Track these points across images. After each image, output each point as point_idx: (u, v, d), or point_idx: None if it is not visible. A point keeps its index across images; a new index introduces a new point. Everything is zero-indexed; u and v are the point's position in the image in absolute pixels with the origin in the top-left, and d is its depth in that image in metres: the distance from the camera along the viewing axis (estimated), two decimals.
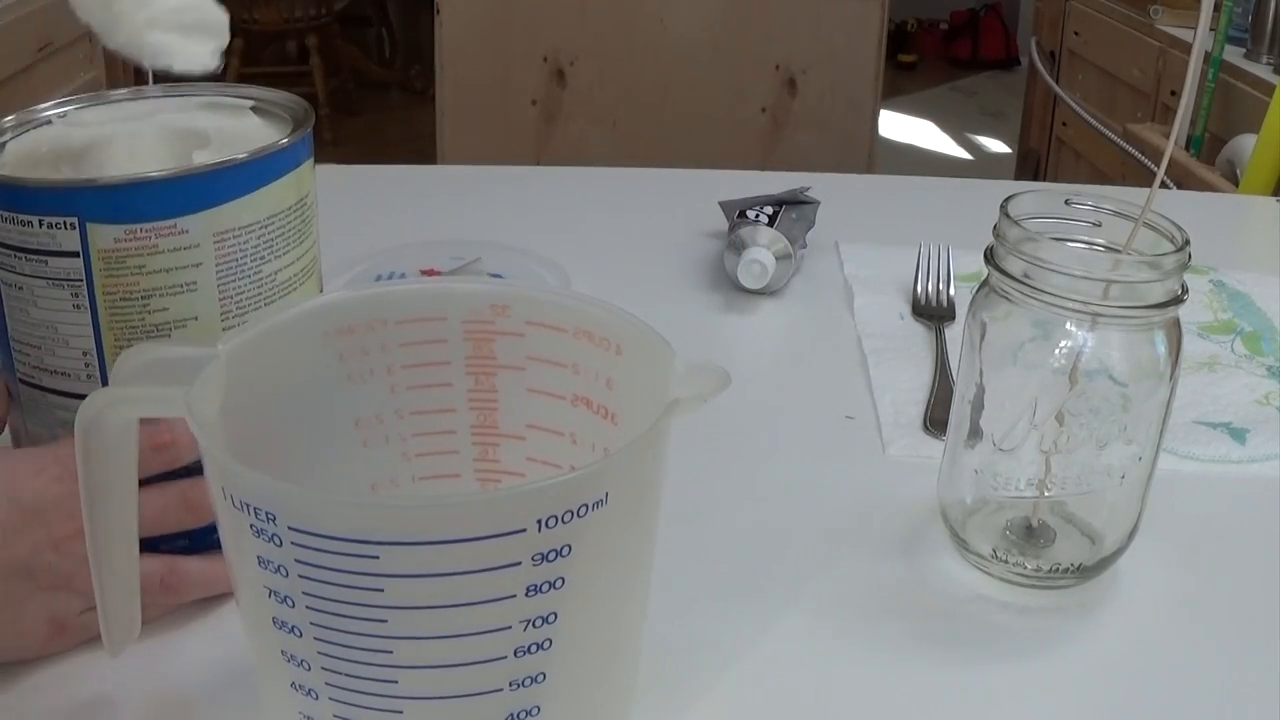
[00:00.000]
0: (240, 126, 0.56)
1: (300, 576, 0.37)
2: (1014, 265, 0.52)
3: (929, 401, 0.71)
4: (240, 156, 0.50)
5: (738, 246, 0.84)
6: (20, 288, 0.50)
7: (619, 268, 0.88)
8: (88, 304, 0.49)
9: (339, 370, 0.46)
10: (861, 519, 0.61)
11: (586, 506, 0.37)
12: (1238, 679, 0.52)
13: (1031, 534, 0.57)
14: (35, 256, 0.49)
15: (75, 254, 0.49)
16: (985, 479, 0.56)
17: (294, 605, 0.38)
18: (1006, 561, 0.56)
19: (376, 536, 0.36)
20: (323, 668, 0.38)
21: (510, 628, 0.38)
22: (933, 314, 0.81)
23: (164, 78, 0.55)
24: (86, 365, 0.51)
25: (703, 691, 0.50)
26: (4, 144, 0.54)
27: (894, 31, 4.45)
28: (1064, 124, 2.48)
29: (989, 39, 4.82)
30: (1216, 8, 1.80)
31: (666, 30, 1.74)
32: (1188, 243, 0.51)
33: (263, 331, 0.43)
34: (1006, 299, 0.53)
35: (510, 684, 0.39)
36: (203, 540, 0.55)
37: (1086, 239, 0.54)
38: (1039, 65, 2.52)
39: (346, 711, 0.39)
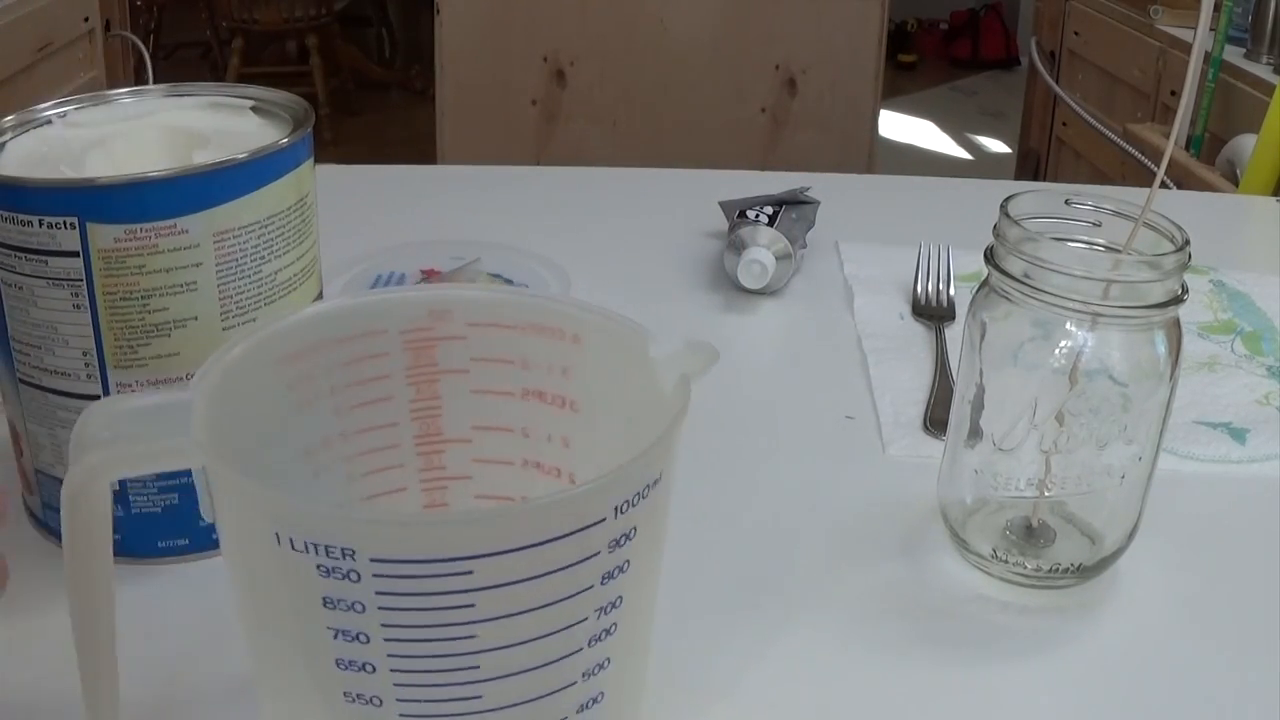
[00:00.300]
0: (240, 126, 0.56)
1: (380, 609, 0.35)
2: (1014, 265, 0.52)
3: (929, 401, 0.71)
4: (240, 156, 0.50)
5: (738, 246, 0.84)
6: (20, 288, 0.50)
7: (619, 268, 0.88)
8: (88, 304, 0.50)
9: (289, 400, 0.44)
10: (861, 519, 0.61)
11: (648, 487, 0.38)
12: (1238, 679, 0.52)
13: (1031, 534, 0.57)
14: (35, 256, 0.49)
15: (75, 254, 0.49)
16: (985, 479, 0.56)
17: (368, 641, 0.36)
18: (1006, 561, 0.56)
19: (471, 551, 0.35)
20: (398, 699, 0.37)
21: (586, 619, 0.38)
22: (933, 314, 0.81)
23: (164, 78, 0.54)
24: (86, 365, 0.51)
25: (702, 691, 0.50)
26: (4, 144, 0.54)
27: (894, 31, 4.45)
28: (1064, 124, 2.48)
29: (989, 39, 4.82)
30: (1216, 8, 1.80)
31: (666, 30, 1.74)
32: (1188, 243, 0.51)
33: (223, 369, 0.41)
34: (1006, 299, 0.53)
35: (583, 675, 0.39)
36: (203, 540, 0.55)
37: (1086, 239, 0.54)
38: (1039, 65, 2.52)
39: None
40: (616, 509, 0.37)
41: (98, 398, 0.51)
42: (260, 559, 0.37)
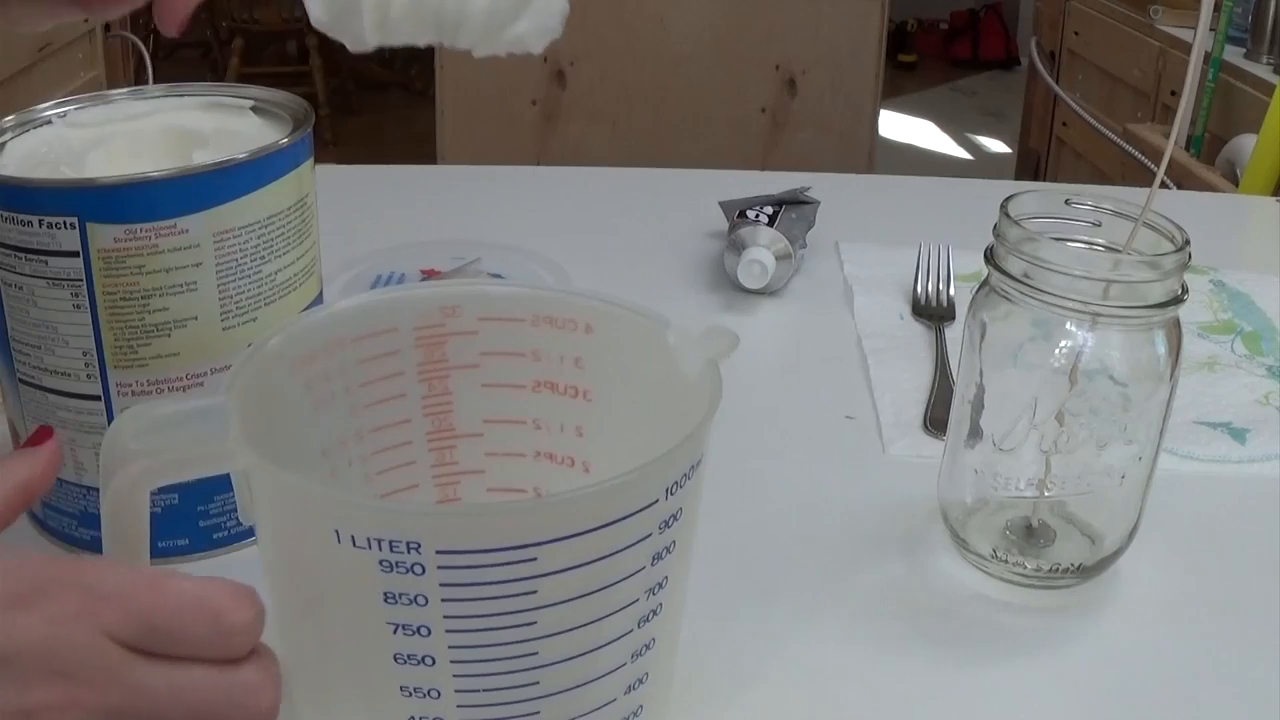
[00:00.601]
0: (240, 126, 0.56)
1: (444, 600, 0.36)
2: (1014, 265, 0.52)
3: (929, 401, 0.71)
4: (240, 156, 0.51)
5: (738, 246, 0.84)
6: (20, 288, 0.50)
7: (619, 268, 0.88)
8: (87, 304, 0.49)
9: (307, 400, 0.45)
10: (861, 519, 0.61)
11: (693, 468, 0.39)
12: (1238, 679, 0.52)
13: (1031, 534, 0.57)
14: (35, 256, 0.49)
15: (75, 254, 0.49)
16: (985, 479, 0.56)
17: (429, 634, 0.36)
18: (1006, 561, 0.56)
19: (538, 538, 0.35)
20: (456, 690, 0.37)
21: (638, 600, 0.39)
22: (933, 314, 0.81)
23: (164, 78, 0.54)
24: (86, 365, 0.51)
25: (702, 690, 0.50)
26: (4, 144, 0.54)
27: (894, 31, 4.45)
28: (1064, 124, 2.48)
29: (989, 39, 4.82)
30: (1216, 8, 1.80)
31: (666, 30, 1.74)
32: (1188, 243, 0.51)
33: (251, 372, 0.41)
34: (1006, 299, 0.53)
35: (632, 656, 0.39)
36: (203, 540, 0.55)
37: (1086, 239, 0.54)
38: (1039, 65, 2.52)
39: None
40: (667, 490, 0.38)
41: (98, 398, 0.51)
42: (315, 559, 0.37)
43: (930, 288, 0.84)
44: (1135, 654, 0.53)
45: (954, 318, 0.80)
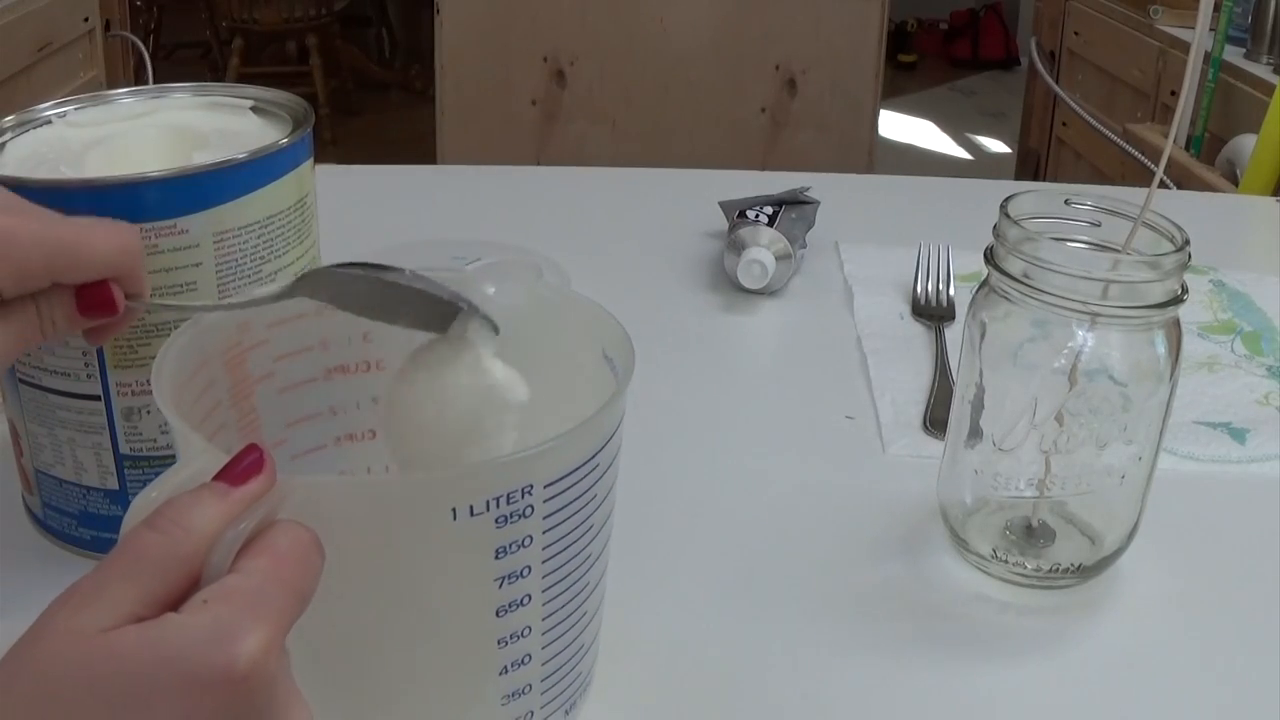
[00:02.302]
0: (240, 126, 0.56)
1: (545, 532, 0.39)
2: (1014, 265, 0.52)
3: (929, 401, 0.71)
4: (240, 156, 0.50)
5: (738, 246, 0.84)
6: None
7: (619, 268, 0.88)
8: None
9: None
10: (861, 519, 0.61)
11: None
12: (1238, 679, 0.52)
13: (1031, 534, 0.57)
14: None
15: None
16: (985, 479, 0.56)
17: (529, 575, 0.39)
18: (1006, 561, 0.56)
19: (597, 446, 0.40)
20: (543, 618, 0.41)
21: (612, 509, 0.44)
22: (933, 314, 0.81)
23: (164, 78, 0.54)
24: (86, 365, 0.51)
25: (701, 691, 0.50)
26: (4, 144, 0.54)
27: (894, 31, 4.45)
28: (1064, 124, 2.48)
29: (989, 39, 4.82)
30: (1216, 8, 1.80)
31: (666, 30, 1.74)
32: (1187, 243, 0.51)
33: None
34: (1006, 299, 0.53)
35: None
36: None
37: (1086, 239, 0.54)
38: (1039, 65, 2.52)
39: (557, 660, 0.42)
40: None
41: (98, 398, 0.51)
42: (425, 546, 0.38)
43: (930, 288, 0.84)
44: (1135, 654, 0.53)
45: (954, 318, 0.80)
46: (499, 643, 0.40)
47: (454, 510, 0.37)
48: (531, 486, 0.38)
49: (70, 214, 0.48)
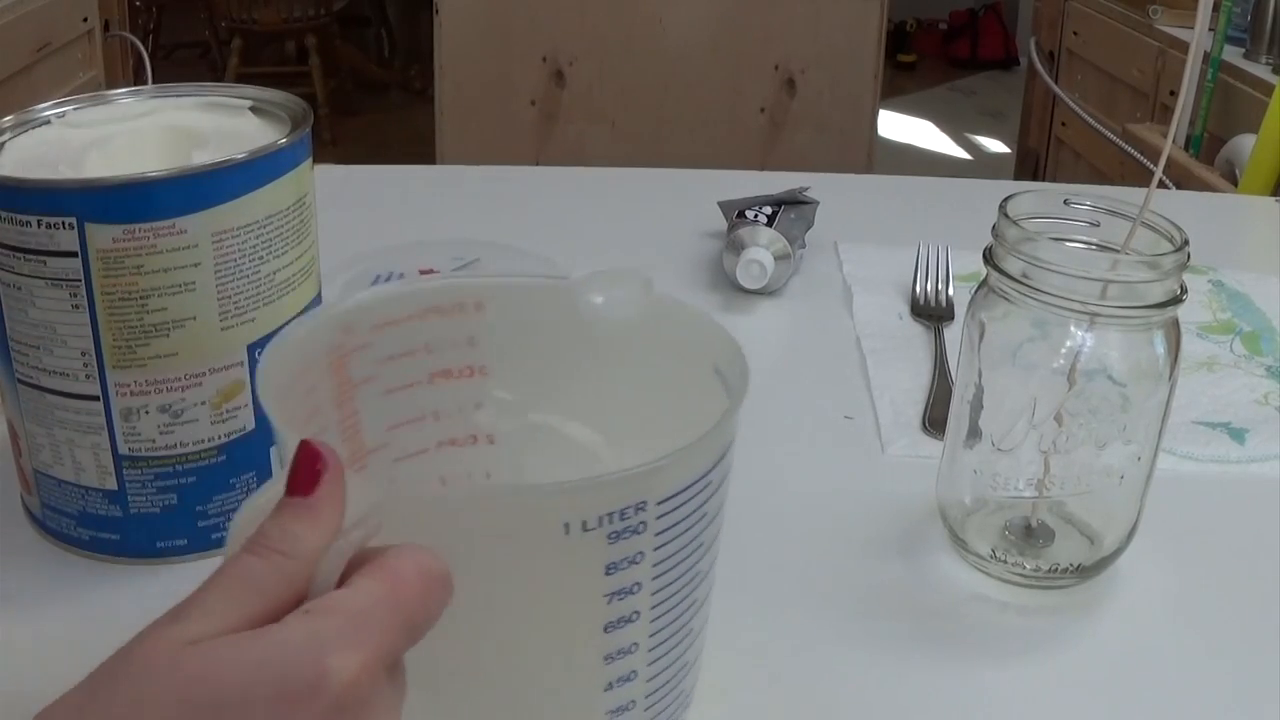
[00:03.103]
0: (240, 126, 0.56)
1: (655, 549, 0.39)
2: (1013, 265, 0.52)
3: (928, 401, 0.71)
4: (239, 156, 0.50)
5: (737, 246, 0.84)
6: (19, 288, 0.50)
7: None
8: (86, 304, 0.49)
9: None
10: (861, 519, 0.61)
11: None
12: (1237, 679, 0.52)
13: (1031, 534, 0.57)
14: (34, 256, 0.49)
15: (74, 254, 0.49)
16: (984, 479, 0.56)
17: (638, 591, 0.39)
18: (1006, 561, 0.56)
19: (709, 464, 0.40)
20: (650, 634, 0.40)
21: (721, 526, 0.43)
22: (932, 314, 0.81)
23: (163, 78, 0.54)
24: (85, 365, 0.51)
25: (701, 690, 0.50)
26: (3, 144, 0.54)
27: (893, 31, 4.45)
28: (1063, 124, 2.48)
29: (988, 39, 4.82)
30: (1216, 8, 1.80)
31: (666, 30, 1.74)
32: (1186, 243, 0.51)
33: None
34: (1005, 299, 0.53)
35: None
36: (202, 540, 0.55)
37: (1085, 239, 0.54)
38: (1038, 65, 2.52)
39: (662, 677, 0.42)
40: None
41: (97, 398, 0.51)
42: (536, 560, 0.38)
43: (929, 288, 0.84)
44: (1135, 654, 0.53)
45: (953, 318, 0.80)
46: (605, 659, 0.40)
47: (566, 525, 0.36)
48: (645, 503, 0.37)
49: (69, 214, 0.48)
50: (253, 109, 0.57)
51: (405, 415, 0.48)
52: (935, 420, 0.68)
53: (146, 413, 0.52)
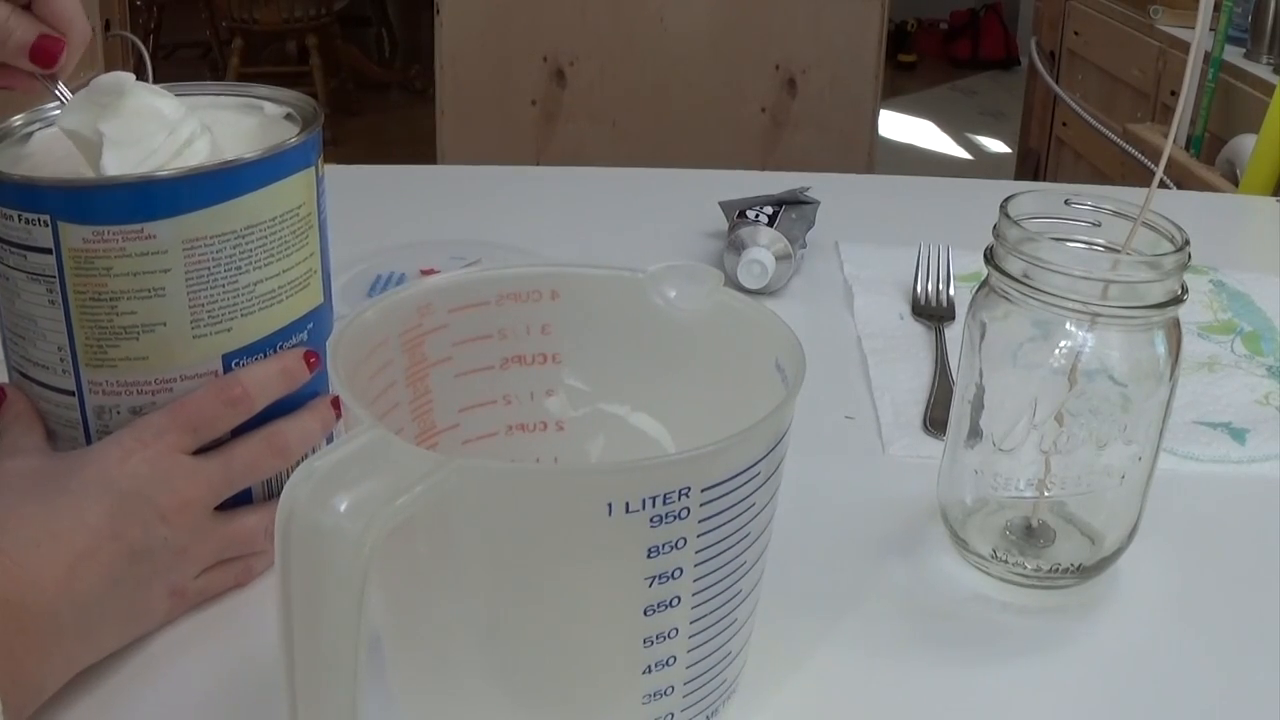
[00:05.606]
0: (239, 127, 0.56)
1: (699, 535, 0.39)
2: (1014, 265, 0.52)
3: (929, 401, 0.71)
4: (207, 166, 0.50)
5: (738, 246, 0.84)
6: (7, 278, 0.50)
7: None
8: (60, 301, 0.49)
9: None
10: (861, 519, 0.61)
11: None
12: (1237, 679, 0.51)
13: (1031, 534, 0.57)
14: (16, 249, 0.49)
15: (49, 250, 0.48)
16: (985, 479, 0.56)
17: (680, 576, 0.39)
18: (1006, 561, 0.56)
19: (758, 455, 0.39)
20: (691, 620, 0.40)
21: (772, 515, 0.43)
22: (932, 314, 0.81)
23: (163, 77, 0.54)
24: (61, 360, 0.50)
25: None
26: (31, 134, 0.54)
27: (894, 31, 4.45)
28: (1064, 124, 2.48)
29: (989, 39, 4.82)
30: (1216, 8, 1.80)
31: (666, 30, 1.74)
32: (1187, 243, 0.51)
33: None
34: (1006, 299, 0.53)
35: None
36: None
37: (1086, 239, 0.54)
38: (1039, 65, 2.52)
39: (702, 664, 0.42)
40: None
41: (72, 393, 0.51)
42: (578, 538, 0.38)
43: (930, 288, 0.84)
44: (1135, 654, 0.53)
45: (954, 318, 0.80)
46: (645, 642, 0.40)
47: (609, 505, 0.37)
48: (689, 489, 0.38)
49: (43, 211, 0.48)
50: (263, 109, 0.57)
51: (477, 398, 0.49)
52: (936, 420, 0.68)
53: (118, 413, 0.51)
